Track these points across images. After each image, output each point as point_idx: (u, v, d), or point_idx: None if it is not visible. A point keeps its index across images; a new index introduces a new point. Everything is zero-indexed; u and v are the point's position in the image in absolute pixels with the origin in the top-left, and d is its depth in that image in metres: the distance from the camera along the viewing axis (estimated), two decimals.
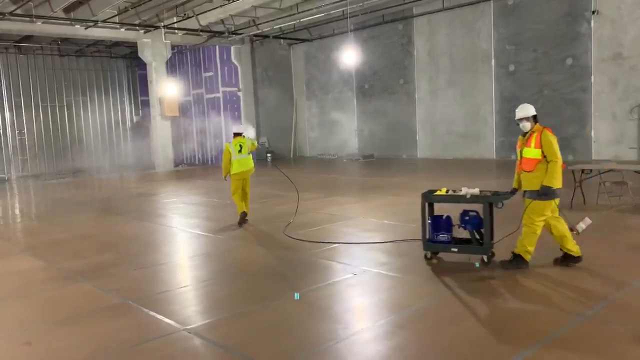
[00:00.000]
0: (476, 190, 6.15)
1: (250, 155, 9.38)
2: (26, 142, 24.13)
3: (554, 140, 5.70)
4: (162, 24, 20.01)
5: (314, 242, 7.54)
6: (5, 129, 23.78)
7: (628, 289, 5.09)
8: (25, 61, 24.35)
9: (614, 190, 9.26)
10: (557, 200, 5.76)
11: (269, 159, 24.09)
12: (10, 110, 23.84)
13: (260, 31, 21.42)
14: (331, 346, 4.17)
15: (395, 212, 9.62)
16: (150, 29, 20.32)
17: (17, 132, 23.94)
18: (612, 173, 9.27)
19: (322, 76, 24.17)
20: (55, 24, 18.59)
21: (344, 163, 20.89)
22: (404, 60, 20.92)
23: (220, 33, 21.19)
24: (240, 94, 24.46)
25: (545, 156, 5.68)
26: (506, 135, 18.12)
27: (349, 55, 17.77)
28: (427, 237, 6.26)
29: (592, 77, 16.00)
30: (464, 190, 6.18)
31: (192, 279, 6.44)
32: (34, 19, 17.38)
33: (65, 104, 25.59)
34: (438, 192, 6.35)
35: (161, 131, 22.19)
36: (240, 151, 9.20)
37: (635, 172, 8.95)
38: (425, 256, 6.34)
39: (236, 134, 9.52)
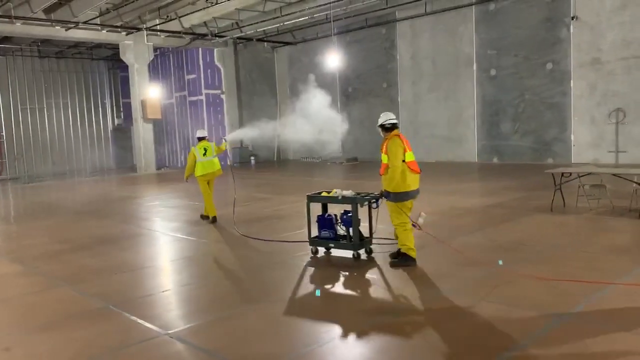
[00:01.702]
0: (349, 192, 6.70)
1: (217, 157, 9.96)
2: (5, 145, 23.74)
3: (397, 147, 6.07)
4: (145, 25, 19.86)
5: (289, 241, 7.52)
6: None
7: (606, 290, 5.16)
8: (5, 62, 23.98)
9: (593, 193, 9.41)
10: (410, 203, 6.20)
11: (252, 162, 24.03)
12: None
13: (243, 34, 21.39)
14: (314, 349, 4.17)
15: (378, 214, 9.63)
16: (132, 30, 20.15)
17: None
18: (591, 176, 9.42)
19: (306, 79, 24.17)
20: (35, 25, 18.34)
21: (327, 166, 20.91)
22: (387, 64, 21.04)
23: (204, 35, 21.10)
24: (223, 96, 24.38)
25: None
26: (488, 138, 18.32)
27: (333, 59, 17.82)
28: (313, 234, 6.85)
29: (572, 81, 16.25)
30: (337, 192, 6.77)
31: (174, 283, 6.39)
32: (14, 20, 17.12)
33: (45, 106, 25.25)
34: (324, 194, 6.91)
35: (143, 134, 21.99)
36: (205, 154, 9.73)
37: (613, 175, 9.10)
38: (312, 251, 6.84)
39: (200, 138, 10.05)
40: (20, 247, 8.54)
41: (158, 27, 20.15)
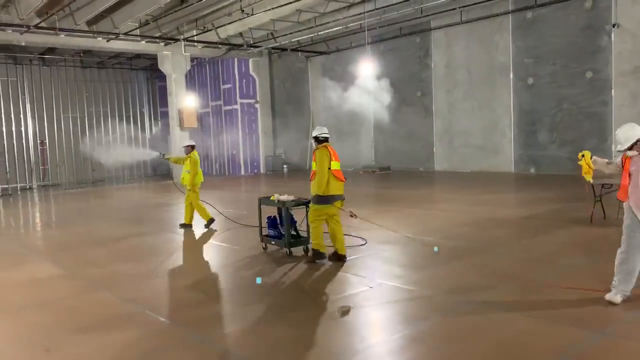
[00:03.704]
0: (285, 197, 7.64)
1: None
2: (47, 152, 24.54)
3: (324, 157, 6.86)
4: (182, 36, 20.32)
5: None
6: (28, 139, 24.23)
7: None
8: (49, 73, 24.85)
9: None
10: (338, 204, 7.00)
11: (285, 169, 24.19)
12: (33, 120, 24.30)
13: (278, 44, 21.61)
14: (347, 359, 4.16)
15: (410, 224, 9.59)
16: (170, 41, 20.63)
17: (39, 142, 24.38)
18: None
19: (339, 88, 24.23)
20: (78, 37, 18.96)
21: (359, 175, 20.88)
22: (422, 72, 20.93)
23: (239, 46, 21.43)
24: (257, 105, 24.66)
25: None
26: (525, 148, 17.97)
27: (366, 68, 17.83)
28: (263, 232, 7.95)
29: (613, 90, 15.83)
30: (275, 197, 7.72)
31: (209, 289, 6.47)
32: (58, 32, 17.76)
33: (86, 114, 26.01)
34: (272, 198, 7.79)
35: (180, 142, 22.34)
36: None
37: None
38: (263, 247, 7.92)
39: (193, 147, 10.49)
40: (60, 252, 8.80)
41: (195, 38, 20.57)
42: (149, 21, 18.49)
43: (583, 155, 5.24)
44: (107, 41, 19.59)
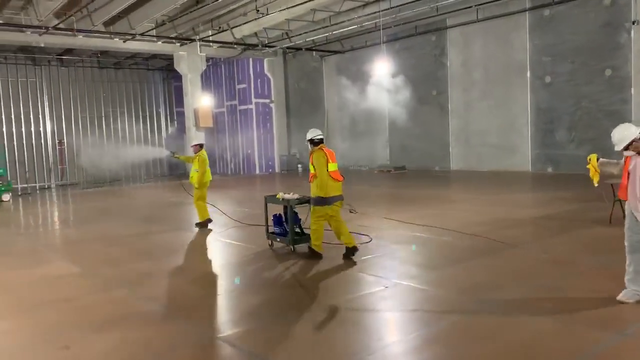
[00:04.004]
0: (289, 195, 7.83)
1: None
2: (65, 152, 24.85)
3: (321, 159, 7.03)
4: (198, 37, 20.45)
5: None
6: (46, 139, 24.58)
7: None
8: (67, 73, 25.16)
9: None
10: (339, 204, 7.20)
11: (300, 169, 24.22)
12: (52, 120, 24.65)
13: (293, 43, 21.64)
14: (363, 358, 4.14)
15: (426, 224, 9.53)
16: (186, 41, 20.77)
17: (57, 142, 24.71)
18: None
19: (354, 87, 24.20)
20: (95, 38, 19.18)
21: (374, 174, 20.82)
22: (437, 71, 20.79)
23: (254, 46, 21.50)
24: (272, 105, 24.74)
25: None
26: (542, 147, 17.77)
27: (381, 67, 17.76)
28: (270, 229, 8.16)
29: (632, 88, 15.57)
30: (280, 195, 7.93)
31: (225, 288, 6.49)
32: (76, 33, 17.98)
33: (103, 114, 26.29)
34: (278, 196, 7.98)
35: (196, 142, 22.47)
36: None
37: None
38: (269, 245, 8.11)
39: (201, 145, 10.68)
40: (79, 250, 8.90)
41: (210, 38, 20.68)
42: (165, 22, 18.64)
43: (590, 159, 5.26)
44: (124, 42, 19.78)
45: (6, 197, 17.04)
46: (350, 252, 7.19)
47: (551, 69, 17.38)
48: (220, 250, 8.76)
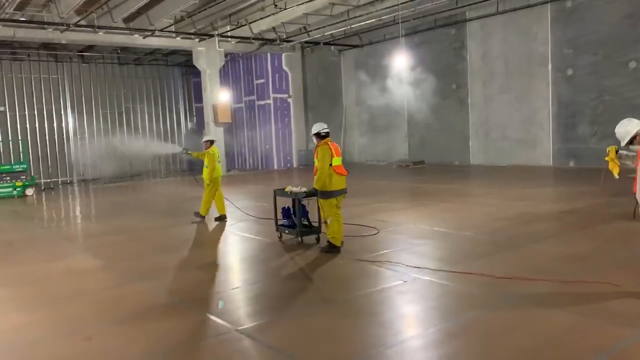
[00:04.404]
0: (297, 189, 7.86)
1: None
2: (87, 147, 25.19)
3: (326, 153, 7.12)
4: (216, 32, 20.53)
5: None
6: (68, 134, 24.95)
7: None
8: (87, 70, 25.49)
9: None
10: (339, 197, 7.28)
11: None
12: (73, 116, 25.01)
13: (311, 38, 21.60)
14: (381, 352, 4.13)
15: (445, 219, 9.46)
16: (204, 37, 20.87)
17: (78, 137, 25.06)
18: None
19: (372, 82, 24.11)
20: (115, 34, 19.37)
21: (393, 169, 20.72)
22: (457, 64, 20.57)
23: (272, 41, 21.51)
24: (290, 100, 24.74)
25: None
26: (564, 141, 17.49)
27: (400, 61, 17.63)
28: (279, 222, 8.30)
29: None
30: (288, 188, 8.03)
31: (243, 281, 6.53)
32: (96, 29, 18.19)
33: (123, 110, 26.59)
34: (286, 189, 8.05)
35: (214, 137, 22.62)
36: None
37: None
38: (278, 237, 8.24)
39: (212, 142, 10.76)
40: (100, 244, 9.02)
41: (229, 34, 20.75)
42: (184, 17, 18.74)
43: (609, 151, 5.19)
44: (144, 38, 19.94)
45: (29, 191, 17.36)
46: (329, 246, 7.31)
47: (573, 62, 17.08)
48: (236, 243, 8.81)
